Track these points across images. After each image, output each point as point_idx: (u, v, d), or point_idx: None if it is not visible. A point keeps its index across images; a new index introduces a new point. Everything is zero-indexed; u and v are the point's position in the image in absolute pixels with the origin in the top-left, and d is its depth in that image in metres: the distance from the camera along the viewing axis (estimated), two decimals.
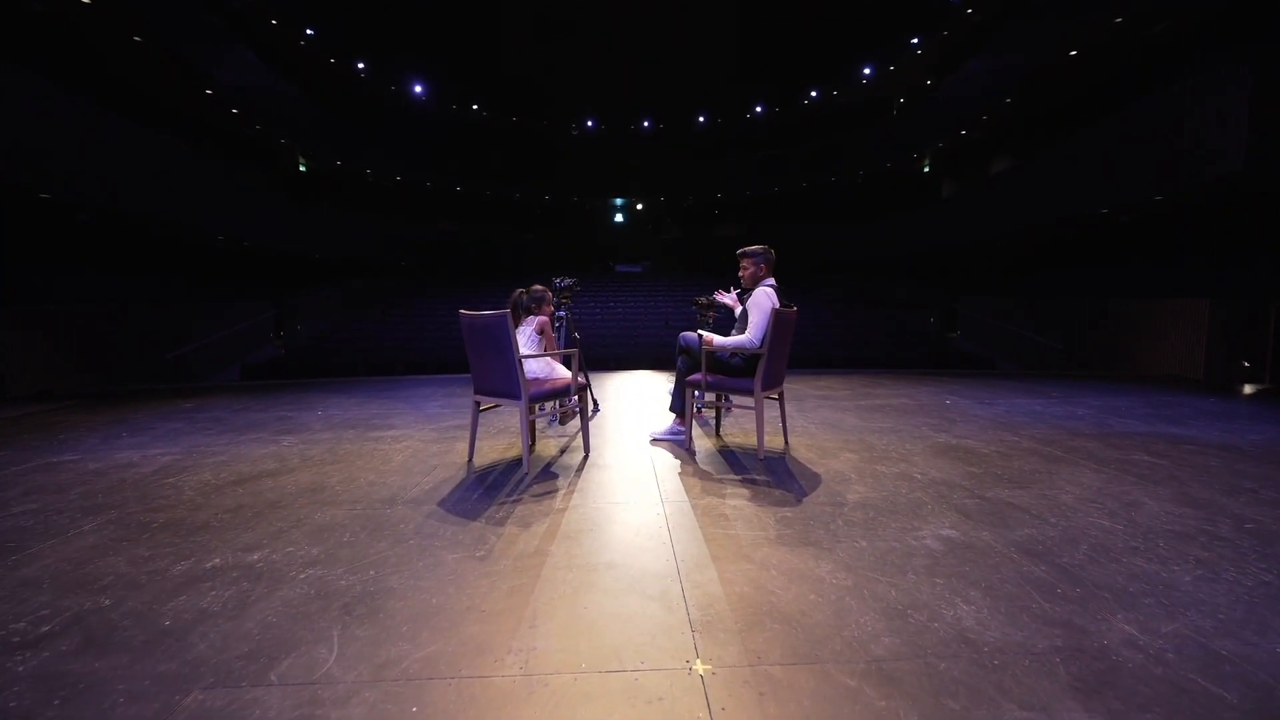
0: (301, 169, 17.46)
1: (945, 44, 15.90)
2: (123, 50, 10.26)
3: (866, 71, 18.85)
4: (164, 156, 10.02)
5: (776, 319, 3.40)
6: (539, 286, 3.65)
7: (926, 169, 18.60)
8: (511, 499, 2.82)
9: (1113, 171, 8.66)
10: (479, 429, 4.14)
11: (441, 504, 2.74)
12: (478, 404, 3.47)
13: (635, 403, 5.60)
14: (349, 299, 16.05)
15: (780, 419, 3.98)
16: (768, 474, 3.21)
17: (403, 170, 20.15)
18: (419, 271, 20.40)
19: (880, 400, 5.57)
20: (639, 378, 7.59)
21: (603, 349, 10.97)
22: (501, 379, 3.24)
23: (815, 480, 3.08)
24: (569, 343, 4.85)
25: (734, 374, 3.63)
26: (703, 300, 5.15)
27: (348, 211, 18.50)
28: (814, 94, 20.74)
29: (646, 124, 23.43)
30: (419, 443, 3.97)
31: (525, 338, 3.50)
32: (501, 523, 2.50)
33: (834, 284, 19.09)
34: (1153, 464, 3.37)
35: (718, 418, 4.27)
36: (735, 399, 4.59)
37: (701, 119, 23.06)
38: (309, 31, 15.41)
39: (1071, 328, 9.84)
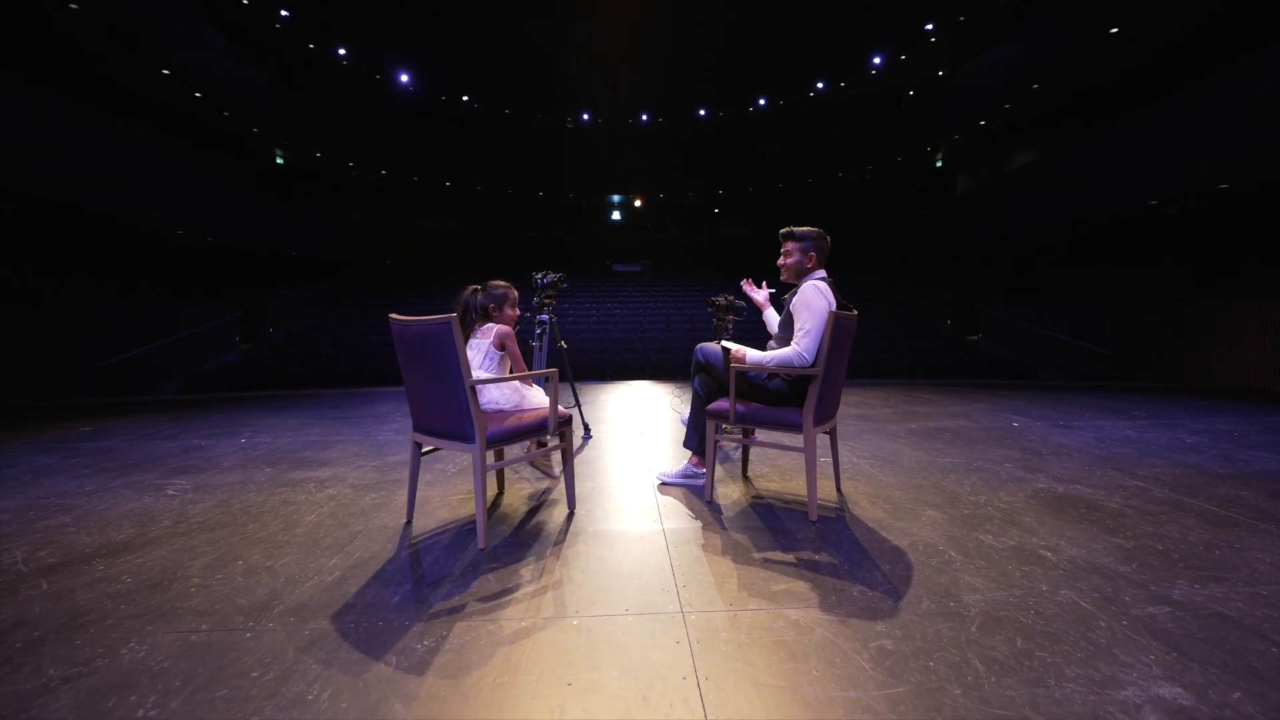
0: (278, 161, 16.43)
1: (963, 30, 14.97)
2: (55, 16, 9.20)
3: (876, 61, 17.91)
4: (109, 140, 9.00)
5: (834, 326, 2.43)
6: (500, 283, 2.65)
7: (940, 163, 17.68)
8: (450, 604, 1.84)
9: (1168, 159, 7.73)
10: (428, 472, 3.18)
11: (340, 616, 1.76)
12: (418, 446, 2.48)
13: (635, 423, 4.62)
14: (326, 300, 15.02)
15: (831, 457, 3.01)
16: (828, 549, 2.23)
17: (388, 164, 19.13)
18: (404, 271, 19.38)
19: (933, 422, 4.60)
20: (638, 390, 6.62)
21: (598, 355, 10.00)
22: (445, 414, 2.25)
23: (901, 562, 2.11)
24: (553, 357, 3.86)
25: (773, 402, 2.65)
26: (720, 300, 4.18)
27: (328, 207, 17.49)
28: (820, 85, 19.79)
29: (645, 117, 22.46)
30: (349, 489, 2.98)
31: (480, 354, 2.51)
32: (421, 666, 1.52)
33: (848, 285, 18.12)
34: None
35: (745, 454, 3.29)
36: (761, 431, 3.52)
37: (702, 112, 22.10)
38: (284, 13, 14.38)
39: (1121, 332, 8.89)
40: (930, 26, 15.64)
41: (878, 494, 2.87)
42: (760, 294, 3.12)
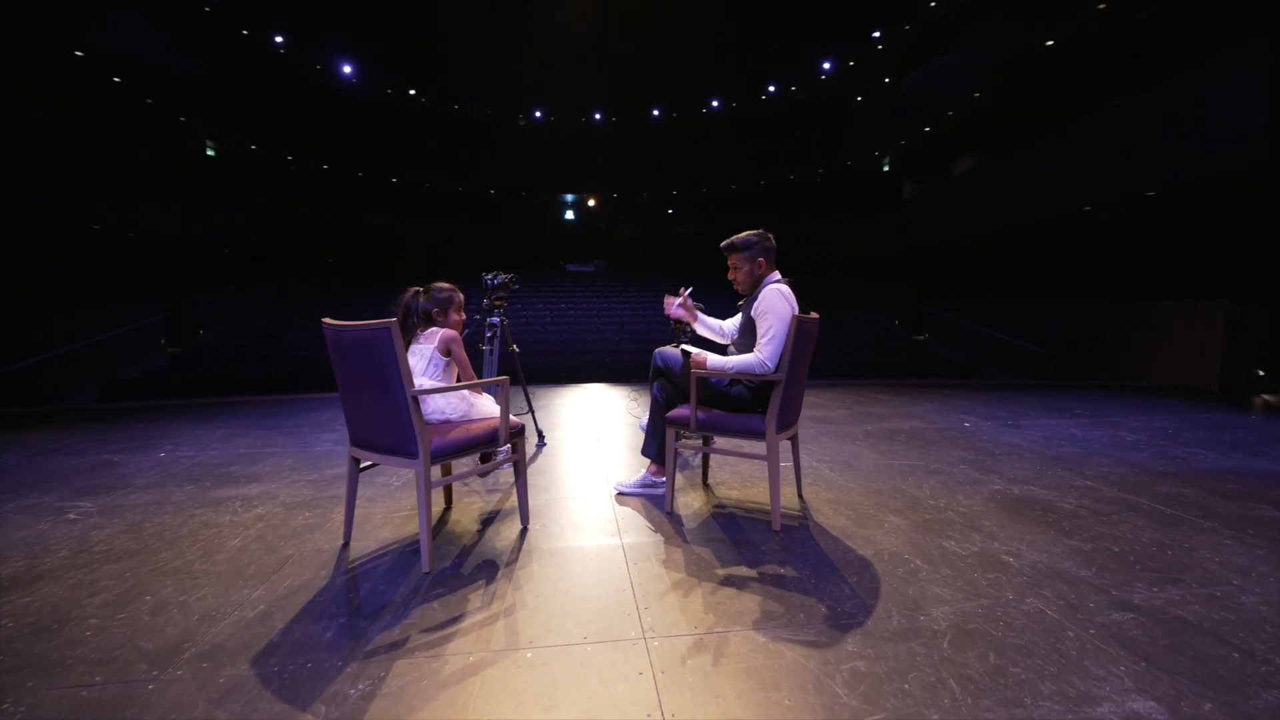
0: (209, 153, 15.48)
1: (908, 38, 15.42)
2: None
3: (826, 67, 18.28)
4: (15, 125, 8.24)
5: (797, 331, 2.36)
6: (444, 285, 2.47)
7: (887, 168, 18.19)
8: (390, 637, 1.66)
9: (1101, 167, 8.12)
10: (369, 486, 2.95)
11: (262, 659, 1.56)
12: (356, 461, 2.28)
13: (590, 429, 4.48)
14: (263, 300, 14.25)
15: (792, 463, 2.95)
16: (794, 561, 2.16)
17: (330, 158, 18.32)
18: (348, 270, 18.61)
19: (887, 423, 4.64)
20: (593, 394, 6.48)
21: (552, 357, 9.80)
22: (385, 427, 2.07)
23: (868, 574, 2.05)
24: (505, 361, 3.68)
25: (735, 408, 2.57)
26: None
27: (265, 202, 16.57)
28: (772, 89, 20.07)
29: (598, 116, 22.28)
30: (281, 508, 2.74)
31: (424, 361, 2.33)
32: (354, 715, 1.35)
33: (798, 286, 18.39)
34: None
35: (705, 461, 3.20)
36: (721, 438, 3.32)
37: (656, 113, 22.08)
38: None
39: (1059, 332, 9.31)
40: (877, 34, 16.06)
41: (839, 500, 2.83)
42: (680, 307, 2.88)
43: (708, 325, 2.96)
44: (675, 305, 2.93)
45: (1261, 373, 6.66)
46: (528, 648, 1.62)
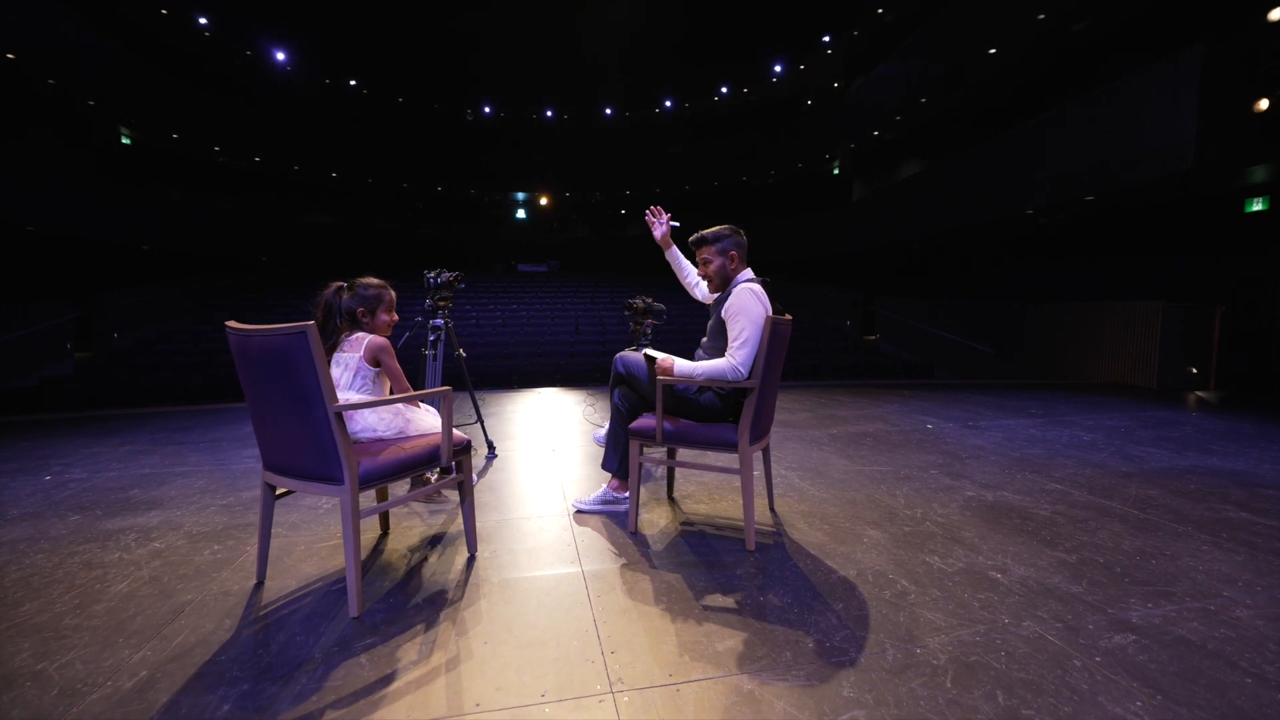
0: (124, 141, 14.30)
1: (857, 44, 15.70)
2: None
3: (777, 69, 18.46)
4: None
5: (771, 334, 2.17)
6: (372, 281, 2.15)
7: (837, 171, 18.50)
8: (304, 708, 1.37)
9: (1041, 172, 8.37)
10: (293, 510, 2.60)
11: None
12: (271, 488, 1.96)
13: (545, 438, 4.20)
14: (188, 300, 13.23)
15: (763, 472, 2.76)
16: (773, 586, 1.97)
17: (263, 150, 17.24)
18: (284, 269, 17.60)
19: (852, 426, 4.55)
20: (547, 399, 6.18)
21: (504, 360, 9.41)
22: (303, 449, 1.76)
23: (854, 598, 1.88)
24: (449, 367, 3.36)
25: (704, 418, 2.36)
26: (638, 303, 3.88)
27: (190, 195, 15.49)
28: (724, 90, 20.14)
29: (549, 114, 21.88)
30: (185, 540, 2.37)
31: (350, 372, 2.02)
32: None
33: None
34: (1269, 528, 2.48)
35: (670, 471, 2.98)
36: (682, 452, 3.07)
37: (608, 111, 21.85)
38: None
39: (1002, 332, 9.59)
40: (827, 39, 16.29)
41: (813, 512, 2.66)
42: (660, 224, 2.86)
43: (679, 263, 2.96)
44: (657, 222, 2.88)
45: (1195, 370, 6.97)
46: (475, 712, 1.36)
